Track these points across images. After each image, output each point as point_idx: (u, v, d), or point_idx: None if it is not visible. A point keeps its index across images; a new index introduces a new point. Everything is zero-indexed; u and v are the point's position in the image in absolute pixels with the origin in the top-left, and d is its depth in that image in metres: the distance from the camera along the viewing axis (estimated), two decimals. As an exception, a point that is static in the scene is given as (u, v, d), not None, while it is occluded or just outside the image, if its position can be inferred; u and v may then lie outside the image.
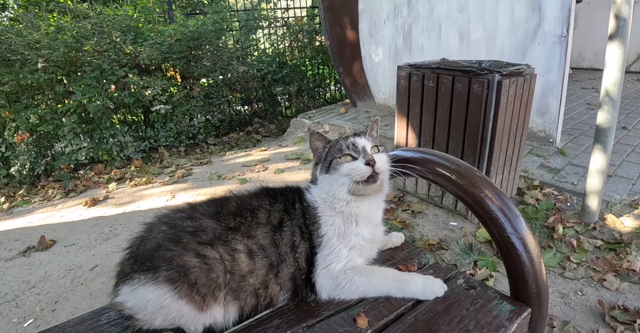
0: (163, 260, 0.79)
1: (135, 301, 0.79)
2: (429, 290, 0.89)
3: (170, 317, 0.79)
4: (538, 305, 0.87)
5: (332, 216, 0.92)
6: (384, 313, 0.82)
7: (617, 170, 2.89)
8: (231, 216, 0.88)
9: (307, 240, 0.91)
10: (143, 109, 4.41)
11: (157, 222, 0.89)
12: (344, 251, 0.91)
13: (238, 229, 0.86)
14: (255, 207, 0.91)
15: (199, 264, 0.80)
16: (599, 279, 1.94)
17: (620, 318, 1.70)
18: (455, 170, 0.92)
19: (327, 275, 0.89)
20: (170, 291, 0.77)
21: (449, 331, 0.77)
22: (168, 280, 0.78)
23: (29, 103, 3.74)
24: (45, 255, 2.29)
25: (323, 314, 0.83)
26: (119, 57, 3.94)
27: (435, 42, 3.82)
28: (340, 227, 0.92)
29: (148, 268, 0.79)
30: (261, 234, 0.87)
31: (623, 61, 1.99)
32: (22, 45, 3.53)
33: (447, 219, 2.44)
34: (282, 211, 0.93)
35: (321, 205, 0.94)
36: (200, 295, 0.79)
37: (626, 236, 2.17)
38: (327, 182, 0.93)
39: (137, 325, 0.81)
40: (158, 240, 0.83)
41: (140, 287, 0.79)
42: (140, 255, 0.82)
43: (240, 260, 0.84)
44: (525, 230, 0.85)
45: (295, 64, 5.93)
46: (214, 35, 4.83)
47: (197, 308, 0.79)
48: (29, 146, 3.77)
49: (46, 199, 3.33)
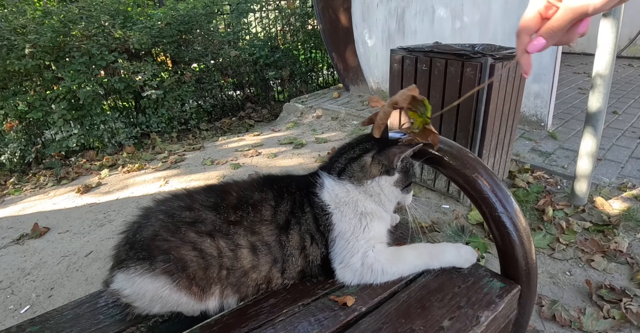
0: (160, 251, 0.78)
1: (132, 290, 0.78)
2: (463, 257, 0.91)
3: (168, 306, 0.79)
4: (527, 282, 0.89)
5: (351, 218, 0.88)
6: (378, 292, 0.84)
7: (607, 154, 2.93)
8: (232, 209, 0.84)
9: (322, 246, 0.89)
10: (134, 94, 4.35)
11: (155, 209, 0.86)
12: (361, 243, 0.87)
13: (240, 223, 0.83)
14: (258, 201, 0.87)
15: (197, 259, 0.78)
16: (587, 260, 1.98)
17: (607, 297, 1.75)
18: (448, 152, 0.93)
19: (348, 272, 0.87)
20: (169, 283, 0.77)
21: (441, 308, 0.79)
22: (166, 272, 0.77)
23: (17, 90, 3.66)
24: (39, 242, 2.29)
25: (319, 293, 0.84)
26: (107, 41, 3.86)
27: (428, 25, 3.79)
28: (357, 225, 0.88)
29: (144, 258, 0.78)
30: (266, 231, 0.84)
31: (615, 44, 1.99)
32: (7, 31, 3.44)
33: (439, 202, 2.46)
34: (289, 213, 0.87)
35: (337, 211, 0.88)
36: (199, 287, 0.79)
37: (614, 218, 2.22)
38: (392, 195, 0.90)
39: (135, 312, 0.81)
40: (155, 228, 0.81)
41: (137, 277, 0.77)
42: (137, 243, 0.81)
43: (242, 256, 0.82)
44: (515, 210, 0.86)
45: (288, 48, 5.86)
46: (204, 19, 4.74)
47: (196, 299, 0.79)
48: (18, 134, 3.71)
49: (38, 187, 3.30)
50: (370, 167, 0.88)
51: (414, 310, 0.79)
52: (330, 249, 0.88)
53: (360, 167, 0.89)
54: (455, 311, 0.78)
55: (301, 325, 0.76)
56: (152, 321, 0.82)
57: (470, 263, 0.91)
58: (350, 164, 0.90)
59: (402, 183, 0.89)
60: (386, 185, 0.88)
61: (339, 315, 0.77)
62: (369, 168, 0.88)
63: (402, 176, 0.89)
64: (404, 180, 0.89)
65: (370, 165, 0.88)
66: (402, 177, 0.89)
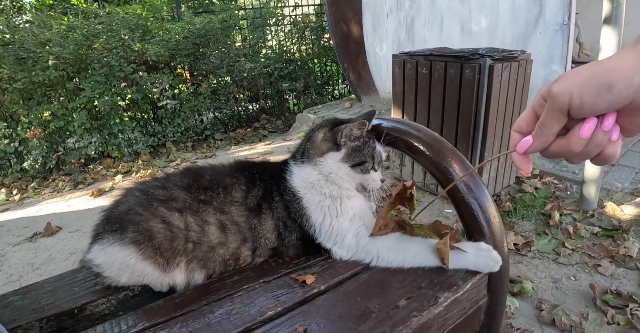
0: (131, 223, 0.83)
1: (103, 259, 0.83)
2: (481, 262, 0.82)
3: (135, 276, 0.83)
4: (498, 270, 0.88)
5: (321, 201, 0.90)
6: (340, 272, 0.84)
7: (621, 160, 2.83)
8: (203, 190, 0.88)
9: (296, 232, 0.91)
10: (152, 105, 4.51)
11: (134, 187, 0.93)
12: (345, 224, 0.89)
13: (210, 203, 0.87)
14: (229, 184, 0.90)
15: (164, 231, 0.82)
16: (593, 265, 1.91)
17: (612, 302, 1.68)
18: (424, 140, 0.93)
19: (344, 251, 0.89)
20: (135, 252, 0.81)
21: (400, 288, 0.79)
22: (134, 242, 0.81)
23: (41, 100, 3.87)
24: (50, 240, 2.38)
25: (281, 272, 0.85)
26: (127, 53, 4.04)
27: (437, 33, 3.81)
28: (331, 207, 0.90)
29: (116, 230, 0.83)
30: (235, 212, 0.87)
31: (618, 44, 1.96)
32: (34, 44, 3.66)
33: (442, 206, 2.43)
34: (260, 198, 0.90)
35: (307, 194, 0.90)
36: (164, 258, 0.82)
37: (625, 223, 2.13)
38: (342, 171, 0.90)
39: (105, 282, 0.85)
40: (130, 204, 0.86)
41: (108, 246, 0.83)
42: (113, 217, 0.86)
43: (209, 232, 0.85)
44: (484, 193, 0.86)
45: (302, 61, 5.98)
46: (221, 33, 4.91)
47: (161, 269, 0.82)
48: (40, 141, 3.90)
49: (56, 191, 3.44)
50: (320, 143, 0.92)
51: (372, 290, 0.79)
52: (317, 234, 0.90)
53: (312, 144, 0.93)
54: (415, 291, 0.78)
55: (259, 299, 0.77)
56: (122, 294, 0.86)
57: (490, 270, 0.83)
58: (306, 143, 0.95)
59: (351, 160, 0.90)
60: (333, 162, 0.90)
61: (297, 292, 0.78)
62: (319, 144, 0.92)
63: (349, 152, 0.90)
64: (353, 157, 0.90)
65: (320, 142, 0.92)
66: (350, 154, 0.90)
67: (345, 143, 0.90)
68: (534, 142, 0.49)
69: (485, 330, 0.93)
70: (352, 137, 0.90)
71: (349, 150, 0.91)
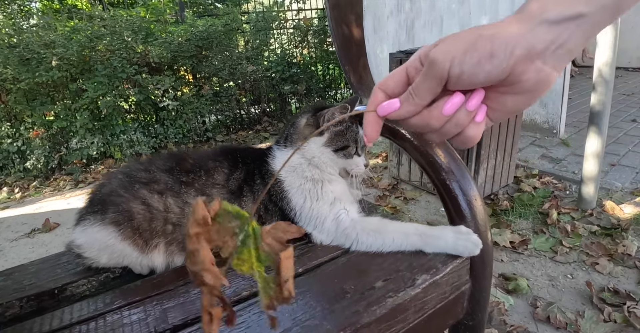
0: (112, 205, 0.83)
1: (83, 239, 0.84)
2: (460, 245, 0.80)
3: (114, 256, 0.83)
4: (480, 256, 0.86)
5: (302, 184, 0.90)
6: (319, 256, 0.84)
7: (622, 160, 2.80)
8: (184, 172, 0.89)
9: (277, 215, 0.91)
10: (154, 107, 4.55)
11: (118, 171, 0.94)
12: (325, 208, 0.88)
13: (191, 185, 0.87)
14: (212, 167, 0.91)
15: (143, 212, 0.83)
16: (591, 263, 1.89)
17: (610, 300, 1.65)
18: None
19: (324, 235, 0.88)
20: (115, 232, 0.81)
21: (378, 271, 0.78)
22: (113, 222, 0.82)
23: (44, 100, 3.92)
24: (47, 236, 2.40)
25: (260, 255, 0.85)
26: (129, 55, 4.09)
27: (437, 35, 3.81)
28: (311, 190, 0.90)
29: (98, 211, 0.84)
30: (216, 194, 0.88)
31: (615, 39, 1.95)
32: (38, 45, 3.72)
33: (438, 205, 2.42)
34: (242, 180, 0.90)
35: (288, 177, 0.91)
36: (142, 239, 0.82)
37: (624, 222, 2.11)
38: (324, 156, 0.90)
39: (85, 263, 0.85)
40: (113, 186, 0.87)
41: (89, 227, 0.83)
42: (95, 199, 0.87)
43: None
44: (465, 175, 0.85)
45: (304, 64, 6.00)
46: (224, 36, 4.95)
47: (140, 250, 0.82)
48: (43, 141, 3.94)
49: (57, 190, 3.47)
50: (303, 128, 0.92)
51: (349, 273, 0.78)
52: (297, 217, 0.90)
53: (295, 129, 0.93)
54: (393, 274, 0.77)
55: (236, 280, 0.77)
56: (103, 276, 0.86)
57: (470, 253, 0.80)
58: (290, 129, 0.95)
59: (333, 144, 0.90)
60: (316, 146, 0.90)
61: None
62: (302, 129, 0.92)
63: (332, 136, 0.90)
64: (336, 141, 0.90)
65: (303, 127, 0.92)
66: (333, 138, 0.90)
67: (328, 127, 0.90)
68: (402, 107, 0.43)
69: (469, 318, 0.92)
70: (330, 120, 0.90)
71: (331, 135, 0.91)
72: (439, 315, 0.82)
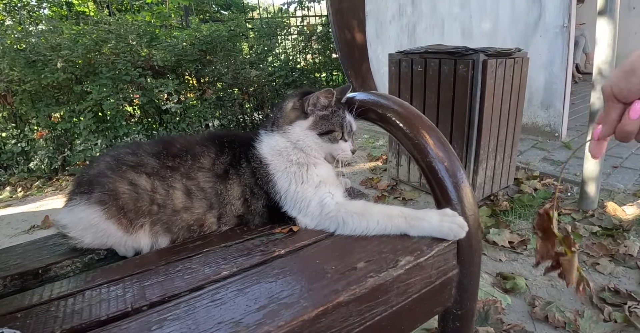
0: (98, 185, 0.84)
1: (69, 219, 0.85)
2: (445, 227, 0.79)
3: (99, 236, 0.83)
4: (468, 240, 0.85)
5: (287, 168, 0.90)
6: (303, 238, 0.83)
7: (624, 162, 2.77)
8: (171, 156, 0.90)
9: (262, 195, 0.91)
10: (157, 110, 4.58)
11: (106, 153, 0.95)
12: (310, 191, 0.88)
13: (177, 169, 0.88)
14: (198, 152, 0.91)
15: (129, 192, 0.83)
16: (592, 263, 1.85)
17: (610, 300, 1.62)
18: (401, 113, 0.92)
19: (308, 219, 0.88)
20: (99, 211, 0.82)
21: (361, 253, 0.77)
22: (99, 201, 0.83)
23: (49, 102, 3.96)
24: (46, 232, 2.41)
25: (244, 237, 0.84)
26: (134, 58, 4.14)
27: (438, 38, 3.82)
28: (297, 173, 0.90)
29: (84, 191, 0.85)
30: (202, 178, 0.88)
31: (614, 37, 1.94)
32: (44, 47, 3.78)
33: (437, 205, 2.39)
34: (228, 164, 0.91)
35: (274, 161, 0.91)
36: (127, 219, 0.83)
37: (626, 223, 2.07)
38: (309, 139, 0.91)
39: (70, 243, 0.85)
40: (100, 168, 0.88)
41: (75, 207, 0.84)
42: (83, 181, 0.88)
43: (175, 196, 0.86)
44: (452, 157, 0.84)
45: (307, 69, 6.04)
46: (228, 41, 5.00)
47: (124, 230, 0.83)
48: (47, 142, 3.98)
49: (58, 190, 3.50)
50: (289, 112, 0.93)
51: (332, 254, 0.77)
52: (283, 201, 0.90)
53: (281, 113, 0.94)
54: (375, 255, 0.76)
55: (217, 260, 0.76)
56: (88, 257, 0.86)
57: (455, 236, 0.79)
58: (276, 113, 0.96)
59: (318, 128, 0.91)
60: (301, 130, 0.90)
61: (255, 256, 0.77)
62: (288, 113, 0.93)
63: (317, 120, 0.91)
64: (321, 125, 0.91)
65: (289, 110, 0.93)
66: (318, 122, 0.91)
67: (313, 111, 0.91)
68: (602, 128, 0.57)
69: (457, 306, 0.90)
70: (319, 106, 0.91)
71: (316, 118, 0.91)
72: (424, 300, 0.80)
